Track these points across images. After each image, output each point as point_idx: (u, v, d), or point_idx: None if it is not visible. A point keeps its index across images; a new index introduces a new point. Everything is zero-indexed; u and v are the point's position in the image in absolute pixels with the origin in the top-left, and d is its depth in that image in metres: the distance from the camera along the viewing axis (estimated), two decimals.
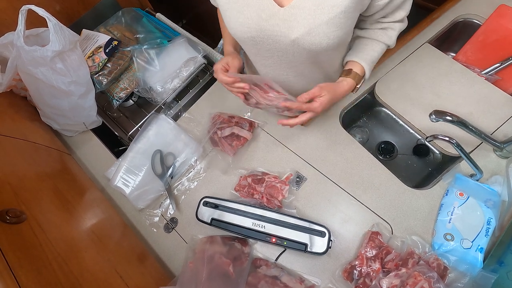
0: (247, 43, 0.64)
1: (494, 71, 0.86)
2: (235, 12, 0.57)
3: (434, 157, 0.91)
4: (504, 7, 0.86)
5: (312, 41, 0.55)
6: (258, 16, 0.55)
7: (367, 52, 0.66)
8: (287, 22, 0.54)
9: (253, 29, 0.57)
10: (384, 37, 0.65)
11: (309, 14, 0.52)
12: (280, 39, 0.58)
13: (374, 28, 0.66)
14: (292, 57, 0.62)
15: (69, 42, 0.78)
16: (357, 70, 0.66)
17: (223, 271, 0.69)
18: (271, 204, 0.77)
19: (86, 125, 0.96)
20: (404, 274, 0.64)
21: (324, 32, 0.54)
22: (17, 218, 0.51)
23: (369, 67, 0.66)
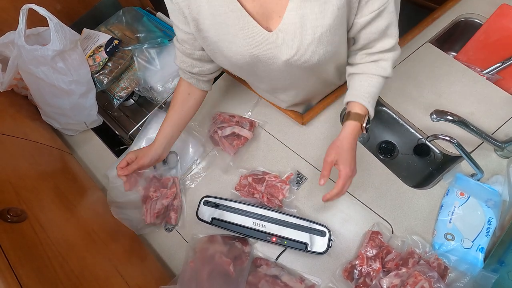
0: (242, 69, 0.65)
1: (495, 70, 0.86)
2: (227, 43, 0.58)
3: (435, 156, 0.91)
4: (505, 7, 0.85)
5: (303, 60, 0.57)
6: (249, 44, 0.56)
7: (364, 89, 0.62)
8: (277, 46, 0.56)
9: (246, 56, 0.59)
10: (378, 69, 0.61)
11: (295, 36, 0.54)
12: (273, 61, 0.59)
13: (365, 62, 0.62)
14: (288, 74, 0.64)
15: (70, 42, 0.78)
16: (357, 110, 0.62)
17: (224, 270, 0.69)
18: (272, 203, 0.77)
19: (87, 124, 0.96)
20: (405, 274, 0.64)
21: (312, 50, 0.55)
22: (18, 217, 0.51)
23: (370, 103, 0.62)
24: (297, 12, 0.51)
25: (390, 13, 0.53)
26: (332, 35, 0.54)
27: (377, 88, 0.62)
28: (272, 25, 0.55)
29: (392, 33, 0.57)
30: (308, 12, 0.51)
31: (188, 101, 0.74)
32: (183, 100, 0.74)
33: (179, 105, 0.74)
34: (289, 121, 0.87)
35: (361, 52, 0.62)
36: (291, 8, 0.51)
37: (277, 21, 0.54)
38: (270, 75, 0.66)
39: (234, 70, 0.69)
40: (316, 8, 0.50)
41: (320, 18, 0.51)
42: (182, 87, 0.73)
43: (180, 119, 0.74)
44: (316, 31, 0.53)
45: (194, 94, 0.74)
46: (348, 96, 0.64)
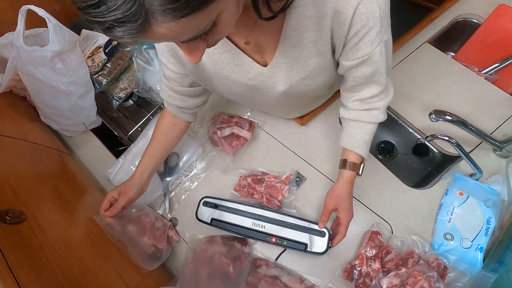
0: (241, 97, 0.67)
1: (493, 70, 0.86)
2: (224, 76, 0.59)
3: (434, 156, 0.91)
4: (503, 7, 0.86)
5: (298, 91, 0.59)
6: (244, 77, 0.58)
7: (358, 137, 0.64)
8: (272, 78, 0.57)
9: (244, 86, 0.60)
10: (370, 117, 0.62)
11: (287, 73, 0.55)
12: (269, 91, 0.61)
13: (358, 110, 0.63)
14: (284, 100, 0.65)
15: (68, 42, 0.78)
16: (354, 159, 0.65)
17: (223, 271, 0.69)
18: (271, 204, 0.77)
19: (86, 125, 0.95)
20: (404, 274, 0.64)
21: (305, 83, 0.58)
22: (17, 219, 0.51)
23: (364, 151, 0.65)
24: (286, 54, 0.53)
25: (375, 62, 0.52)
26: (322, 70, 0.56)
27: (370, 135, 0.65)
28: (267, 59, 0.56)
29: (379, 81, 0.57)
30: (296, 55, 0.52)
31: (173, 131, 0.75)
32: (167, 131, 0.74)
33: (162, 136, 0.74)
34: (288, 121, 0.87)
35: (353, 98, 0.62)
36: (281, 50, 0.52)
37: (270, 57, 0.55)
38: (267, 102, 0.67)
39: (231, 97, 0.70)
40: (304, 51, 0.52)
41: (308, 59, 0.53)
42: (167, 118, 0.74)
43: (164, 149, 0.75)
44: (306, 70, 0.54)
45: (179, 125, 0.75)
46: (344, 142, 0.67)
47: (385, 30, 0.49)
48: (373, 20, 0.46)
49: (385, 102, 0.62)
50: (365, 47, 0.50)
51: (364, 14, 0.45)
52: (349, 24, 0.46)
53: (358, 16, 0.45)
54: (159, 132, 0.74)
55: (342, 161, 0.67)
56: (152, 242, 0.75)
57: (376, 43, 0.49)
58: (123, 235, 0.72)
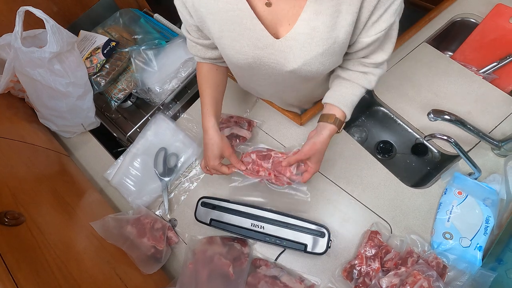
0: (244, 69, 0.64)
1: (491, 70, 0.87)
2: (230, 40, 0.56)
3: (433, 156, 0.91)
4: (501, 6, 0.86)
5: (309, 70, 0.57)
6: (253, 45, 0.55)
7: (348, 97, 0.63)
8: (283, 53, 0.55)
9: (249, 56, 0.57)
10: (365, 81, 0.63)
11: (304, 46, 0.53)
12: (276, 67, 0.59)
13: (355, 71, 0.63)
14: (288, 81, 0.64)
15: (66, 43, 0.78)
16: (340, 115, 0.64)
17: (223, 272, 0.69)
18: (280, 181, 0.70)
19: (84, 126, 0.95)
20: (404, 273, 0.64)
21: (320, 61, 0.55)
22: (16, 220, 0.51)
23: (350, 112, 0.64)
24: (309, 23, 0.50)
25: (393, 30, 0.53)
26: (339, 47, 0.54)
27: (358, 98, 0.64)
28: (281, 32, 0.54)
29: (387, 48, 0.58)
30: (320, 24, 0.50)
31: (218, 74, 0.71)
32: (213, 75, 0.70)
33: (211, 81, 0.70)
34: (287, 121, 0.88)
35: (355, 60, 0.62)
36: (303, 18, 0.50)
37: (286, 29, 0.53)
38: (270, 80, 0.65)
39: (232, 69, 0.68)
40: (328, 21, 0.50)
41: (331, 30, 0.51)
42: (206, 66, 0.70)
43: (220, 93, 0.72)
44: (326, 43, 0.52)
45: (220, 68, 0.71)
46: (331, 98, 0.65)
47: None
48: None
49: (381, 71, 0.63)
50: (390, 17, 0.50)
51: None
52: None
53: None
54: (207, 80, 0.70)
55: (328, 116, 0.64)
56: (151, 243, 0.75)
57: (397, 12, 0.50)
58: (122, 239, 0.72)
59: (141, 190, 0.85)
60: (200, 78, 0.71)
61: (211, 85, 0.70)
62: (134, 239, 0.75)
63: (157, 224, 0.79)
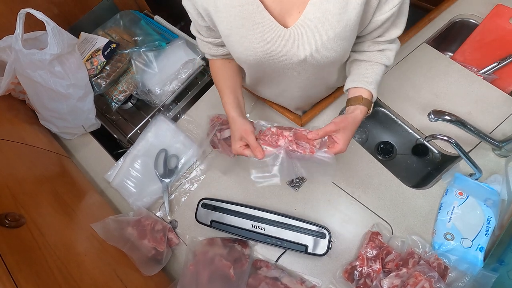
0: (252, 66, 0.63)
1: (491, 70, 0.87)
2: (239, 37, 0.56)
3: (433, 156, 0.91)
4: (500, 7, 0.86)
5: (321, 57, 0.56)
6: (262, 39, 0.55)
7: (371, 76, 0.63)
8: (294, 42, 0.54)
9: (259, 51, 0.57)
10: (383, 58, 0.63)
11: (316, 31, 0.52)
12: (287, 59, 0.58)
13: (372, 51, 0.63)
14: (298, 73, 0.63)
15: (67, 45, 0.78)
16: (367, 96, 0.62)
17: (224, 273, 0.69)
18: (302, 148, 0.61)
19: (85, 128, 0.95)
20: (405, 274, 0.64)
21: (331, 46, 0.54)
22: (16, 222, 0.51)
23: (376, 90, 0.63)
24: (319, 7, 0.50)
25: (406, 3, 0.54)
26: (350, 30, 0.53)
27: (380, 76, 0.64)
28: (289, 21, 0.53)
29: (401, 23, 0.58)
30: (331, 6, 0.49)
31: (232, 65, 0.71)
32: (227, 67, 0.70)
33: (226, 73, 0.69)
34: (287, 122, 0.87)
35: (369, 41, 0.63)
36: (313, 2, 0.49)
37: (295, 17, 0.52)
38: (278, 77, 0.65)
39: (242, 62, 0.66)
40: (339, 2, 0.49)
41: (342, 12, 0.50)
42: (219, 62, 0.70)
43: (235, 82, 0.70)
44: (338, 26, 0.51)
45: (233, 61, 0.70)
46: (353, 82, 0.64)
47: None
48: None
49: (396, 46, 0.64)
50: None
51: None
52: None
53: None
54: (221, 73, 0.70)
55: (355, 98, 0.62)
56: (152, 245, 0.75)
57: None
58: (122, 241, 0.72)
59: (141, 192, 0.85)
60: (214, 73, 0.71)
61: (226, 76, 0.70)
62: (135, 240, 0.75)
63: (157, 226, 0.78)
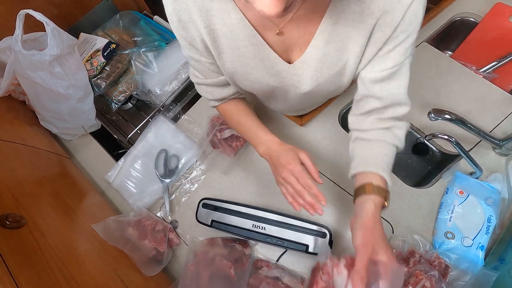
0: (258, 94, 0.66)
1: (491, 69, 0.87)
2: (244, 74, 0.57)
3: (434, 155, 0.91)
4: (500, 5, 0.86)
5: (323, 89, 0.57)
6: (267, 73, 0.56)
7: (379, 158, 0.54)
8: (297, 77, 0.55)
9: (264, 85, 0.58)
10: (391, 137, 0.55)
11: (316, 70, 0.53)
12: (291, 90, 0.59)
13: (377, 129, 0.56)
14: (304, 100, 0.65)
15: (67, 46, 0.78)
16: (378, 182, 0.52)
17: (224, 273, 0.69)
18: None
19: (85, 128, 0.95)
20: (406, 273, 0.64)
21: (332, 81, 0.55)
22: (17, 223, 0.51)
23: (388, 174, 0.53)
24: (319, 50, 0.51)
25: (403, 74, 0.50)
26: (350, 70, 0.53)
27: (392, 159, 0.55)
28: (292, 57, 0.54)
29: (406, 101, 0.53)
30: (330, 50, 0.50)
31: (243, 101, 0.71)
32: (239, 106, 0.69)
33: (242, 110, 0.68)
34: (287, 122, 0.88)
35: (372, 118, 0.57)
36: (314, 45, 0.50)
37: (298, 54, 0.53)
38: (284, 101, 0.66)
39: (248, 94, 0.69)
40: (339, 46, 0.50)
41: (341, 54, 0.51)
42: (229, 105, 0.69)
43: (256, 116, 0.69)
44: (337, 65, 0.52)
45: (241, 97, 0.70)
46: (359, 166, 0.56)
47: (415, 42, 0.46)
48: (414, 25, 0.43)
49: (406, 125, 0.56)
50: (398, 56, 0.47)
51: (408, 17, 0.42)
52: (395, 27, 0.44)
53: (406, 19, 0.42)
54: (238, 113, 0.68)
55: (363, 186, 0.53)
56: (153, 245, 0.75)
57: (408, 53, 0.47)
58: (123, 241, 0.72)
59: (142, 192, 0.85)
60: (230, 116, 0.68)
61: (248, 113, 0.68)
62: (136, 241, 0.75)
63: (158, 226, 0.78)
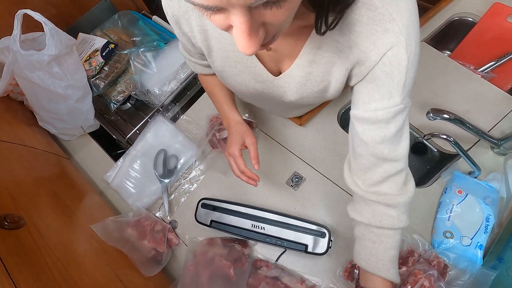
0: (245, 96, 0.67)
1: (490, 68, 0.87)
2: (232, 74, 0.58)
3: (432, 155, 0.91)
4: (498, 5, 0.86)
5: (306, 102, 0.59)
6: (254, 79, 0.57)
7: (381, 254, 0.51)
8: (281, 88, 0.57)
9: (251, 88, 0.59)
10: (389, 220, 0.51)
11: (300, 84, 0.54)
12: (276, 99, 0.61)
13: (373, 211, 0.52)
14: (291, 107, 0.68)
15: (65, 46, 0.78)
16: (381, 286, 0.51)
17: (224, 273, 0.69)
18: None
19: (84, 129, 0.95)
20: (405, 273, 0.64)
21: (315, 97, 0.57)
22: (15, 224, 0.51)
23: (394, 274, 0.50)
24: (303, 69, 0.51)
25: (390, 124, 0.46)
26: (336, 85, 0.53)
27: (396, 249, 0.51)
28: (283, 67, 0.55)
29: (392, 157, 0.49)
30: (314, 71, 0.51)
31: None
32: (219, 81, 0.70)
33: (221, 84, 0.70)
34: (286, 122, 0.88)
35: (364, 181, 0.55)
36: (298, 64, 0.51)
37: (287, 64, 0.53)
38: (272, 105, 0.68)
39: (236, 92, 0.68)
40: (322, 68, 0.50)
41: (326, 75, 0.51)
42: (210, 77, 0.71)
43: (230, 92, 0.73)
44: (320, 84, 0.53)
45: None
46: (363, 261, 0.55)
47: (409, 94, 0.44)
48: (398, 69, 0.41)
49: (406, 198, 0.51)
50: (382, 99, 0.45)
51: (389, 60, 0.41)
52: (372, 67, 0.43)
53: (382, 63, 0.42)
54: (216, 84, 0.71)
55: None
56: (152, 245, 0.75)
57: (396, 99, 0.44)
58: (122, 241, 0.72)
59: (141, 192, 0.85)
60: (207, 85, 0.73)
61: (222, 87, 0.71)
62: (135, 241, 0.75)
63: (157, 226, 0.78)
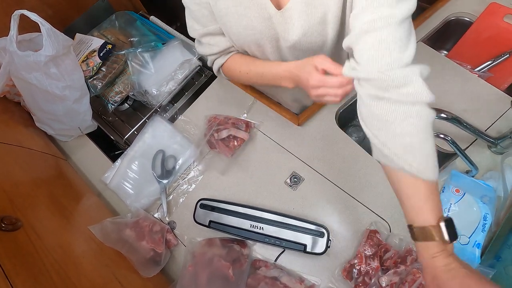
0: (251, 49, 0.64)
1: (486, 68, 0.87)
2: (237, 15, 0.57)
3: None
4: (495, 5, 0.87)
5: (309, 41, 0.57)
6: (260, 16, 0.56)
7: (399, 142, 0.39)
8: (284, 25, 0.56)
9: (257, 30, 0.58)
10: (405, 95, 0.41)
11: (301, 14, 0.54)
12: (279, 40, 0.59)
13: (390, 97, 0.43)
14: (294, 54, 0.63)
15: (62, 47, 0.78)
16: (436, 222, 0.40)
17: (223, 273, 0.69)
18: None
19: (81, 129, 0.95)
20: (403, 272, 0.65)
21: (317, 31, 0.56)
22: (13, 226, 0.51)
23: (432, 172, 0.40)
24: None
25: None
26: (334, 16, 0.53)
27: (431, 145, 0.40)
28: (281, 3, 0.54)
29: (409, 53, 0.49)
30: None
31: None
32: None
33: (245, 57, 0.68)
34: (284, 122, 0.88)
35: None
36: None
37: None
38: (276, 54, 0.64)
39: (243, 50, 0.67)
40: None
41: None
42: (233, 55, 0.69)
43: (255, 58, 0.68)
44: (322, 9, 0.53)
45: None
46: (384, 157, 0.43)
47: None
48: None
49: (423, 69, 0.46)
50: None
51: None
52: None
53: None
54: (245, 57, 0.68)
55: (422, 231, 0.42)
56: (151, 246, 0.75)
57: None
58: (120, 242, 0.72)
59: (139, 193, 0.85)
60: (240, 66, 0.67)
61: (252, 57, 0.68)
62: (133, 242, 0.75)
63: (156, 227, 0.78)
